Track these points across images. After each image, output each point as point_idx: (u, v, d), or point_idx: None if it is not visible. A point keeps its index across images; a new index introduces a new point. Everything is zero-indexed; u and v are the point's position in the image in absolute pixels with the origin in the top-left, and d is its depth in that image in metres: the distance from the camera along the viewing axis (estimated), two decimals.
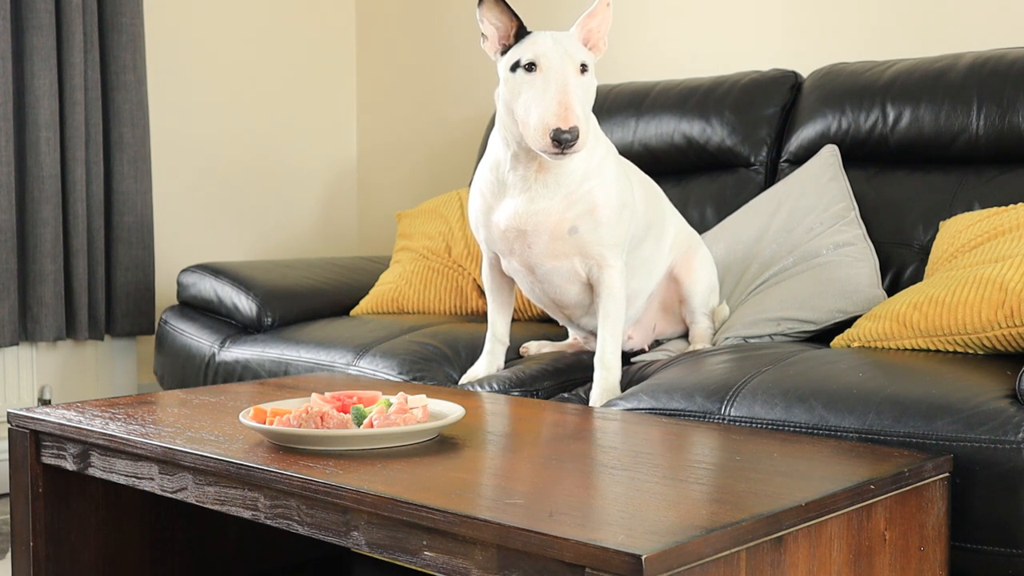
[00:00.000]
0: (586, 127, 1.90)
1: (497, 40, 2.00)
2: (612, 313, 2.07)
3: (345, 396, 1.65)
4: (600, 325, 2.08)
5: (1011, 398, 1.61)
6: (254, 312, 2.88)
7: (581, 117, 1.88)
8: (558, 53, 1.93)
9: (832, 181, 2.50)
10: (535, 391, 2.17)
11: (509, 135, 2.01)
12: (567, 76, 1.91)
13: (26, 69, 3.08)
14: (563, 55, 1.93)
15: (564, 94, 1.88)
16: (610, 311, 2.06)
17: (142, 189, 3.32)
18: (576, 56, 1.94)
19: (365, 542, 1.33)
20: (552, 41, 1.95)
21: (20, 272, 3.11)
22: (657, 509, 1.23)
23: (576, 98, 1.89)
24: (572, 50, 1.94)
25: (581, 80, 1.94)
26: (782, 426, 1.71)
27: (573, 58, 1.93)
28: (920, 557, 1.48)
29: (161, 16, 3.54)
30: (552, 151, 1.88)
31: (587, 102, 1.95)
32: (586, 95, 1.95)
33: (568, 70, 1.92)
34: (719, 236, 2.55)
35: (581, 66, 1.94)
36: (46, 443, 1.80)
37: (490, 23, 1.99)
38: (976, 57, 2.47)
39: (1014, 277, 1.87)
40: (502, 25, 1.99)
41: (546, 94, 1.90)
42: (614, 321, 2.06)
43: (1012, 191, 2.33)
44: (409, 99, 3.95)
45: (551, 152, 1.89)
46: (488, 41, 2.01)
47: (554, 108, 1.87)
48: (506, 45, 1.99)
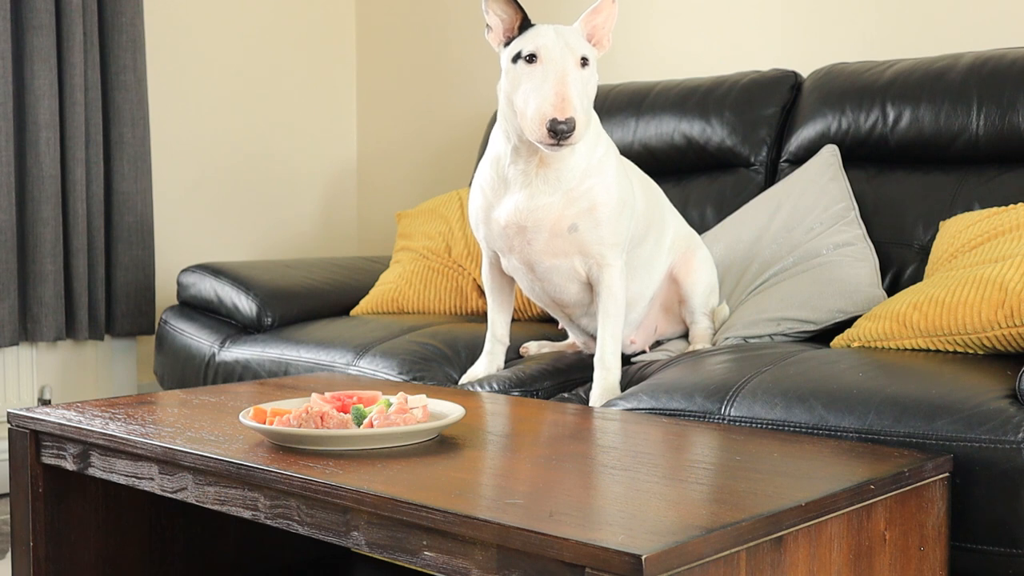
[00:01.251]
0: (585, 119, 1.90)
1: (502, 32, 2.01)
2: (612, 313, 2.06)
3: (345, 396, 1.65)
4: (600, 325, 2.07)
5: (1011, 398, 1.61)
6: (254, 312, 2.88)
7: (579, 108, 1.88)
8: (559, 46, 1.93)
9: (832, 181, 2.50)
10: (535, 391, 2.17)
11: (510, 127, 2.02)
12: (567, 68, 1.92)
13: (26, 69, 3.08)
14: (564, 48, 1.93)
15: (562, 85, 1.89)
16: (610, 311, 2.06)
17: (142, 189, 3.32)
18: (577, 49, 1.94)
19: (365, 542, 1.33)
20: (554, 34, 1.96)
21: (20, 272, 3.11)
22: (657, 509, 1.23)
23: (574, 90, 1.90)
24: (574, 43, 1.95)
25: (581, 73, 1.94)
26: (782, 426, 1.71)
27: (574, 51, 1.94)
28: (920, 557, 1.48)
29: (161, 16, 3.54)
30: (548, 142, 1.88)
31: (586, 95, 1.95)
32: (585, 88, 1.95)
33: (568, 62, 1.92)
34: (719, 236, 2.55)
35: (582, 59, 1.94)
36: (46, 443, 1.80)
37: (495, 14, 2.00)
38: (976, 57, 2.47)
39: (1014, 277, 1.87)
40: (507, 17, 2.00)
41: (544, 85, 1.90)
42: (614, 321, 2.06)
43: (1012, 191, 2.33)
44: (409, 99, 3.95)
45: (548, 143, 1.89)
46: (492, 32, 2.02)
47: (551, 99, 1.87)
48: (510, 37, 2.00)
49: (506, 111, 2.01)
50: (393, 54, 4.00)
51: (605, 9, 2.01)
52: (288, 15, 3.91)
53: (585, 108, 1.93)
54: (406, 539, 1.28)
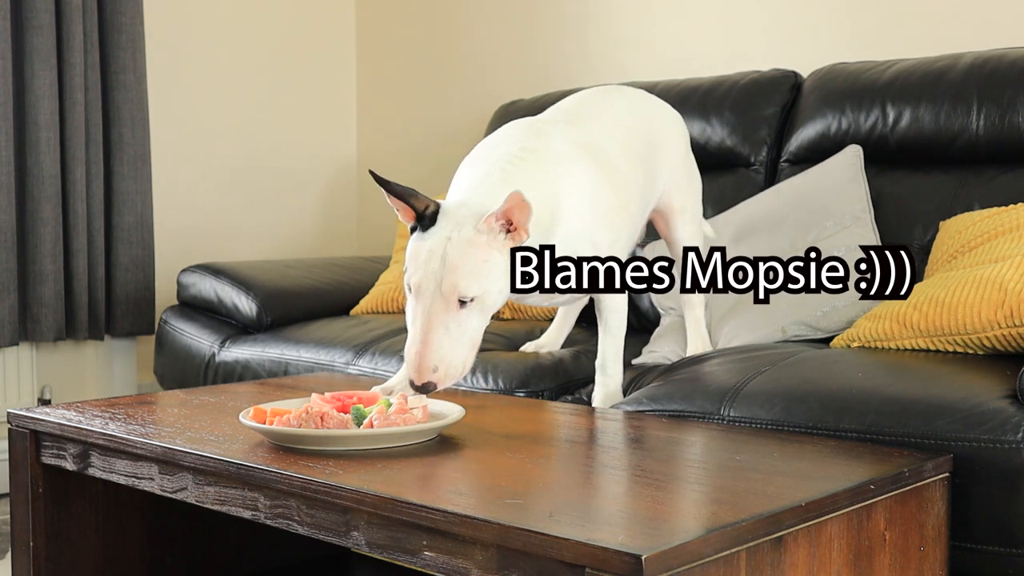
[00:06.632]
0: (458, 366, 1.66)
1: (407, 217, 1.76)
2: (613, 326, 2.01)
3: (345, 396, 1.65)
4: (601, 334, 2.02)
5: (1011, 398, 1.61)
6: (254, 312, 2.88)
7: (444, 362, 1.64)
8: (431, 287, 1.66)
9: (852, 182, 2.46)
10: (538, 392, 2.17)
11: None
12: (433, 319, 1.65)
13: (26, 69, 3.08)
14: (436, 291, 1.65)
15: (424, 345, 1.64)
16: (611, 324, 2.01)
17: (142, 189, 3.32)
18: (454, 291, 1.65)
19: (365, 542, 1.33)
20: (438, 263, 1.65)
21: (20, 272, 3.11)
22: (657, 509, 1.23)
23: (439, 346, 1.64)
24: (452, 281, 1.65)
25: (457, 317, 1.66)
26: (782, 426, 1.71)
27: (448, 296, 1.65)
28: (920, 557, 1.48)
29: (161, 16, 3.54)
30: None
31: (463, 339, 1.67)
32: (463, 331, 1.66)
33: (437, 308, 1.65)
34: (729, 220, 2.53)
35: (459, 302, 1.66)
36: (46, 443, 1.80)
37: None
38: (976, 57, 2.47)
39: (1014, 277, 1.87)
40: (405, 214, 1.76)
41: (412, 330, 1.67)
42: (615, 333, 2.01)
43: (1012, 191, 2.33)
44: (409, 99, 3.95)
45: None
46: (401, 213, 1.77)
47: (412, 357, 1.65)
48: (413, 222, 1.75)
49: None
50: (393, 54, 4.00)
51: (516, 204, 1.66)
52: (288, 15, 3.91)
53: (460, 353, 1.66)
54: (406, 539, 1.28)
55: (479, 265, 1.67)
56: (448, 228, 1.68)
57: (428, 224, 1.70)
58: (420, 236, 1.71)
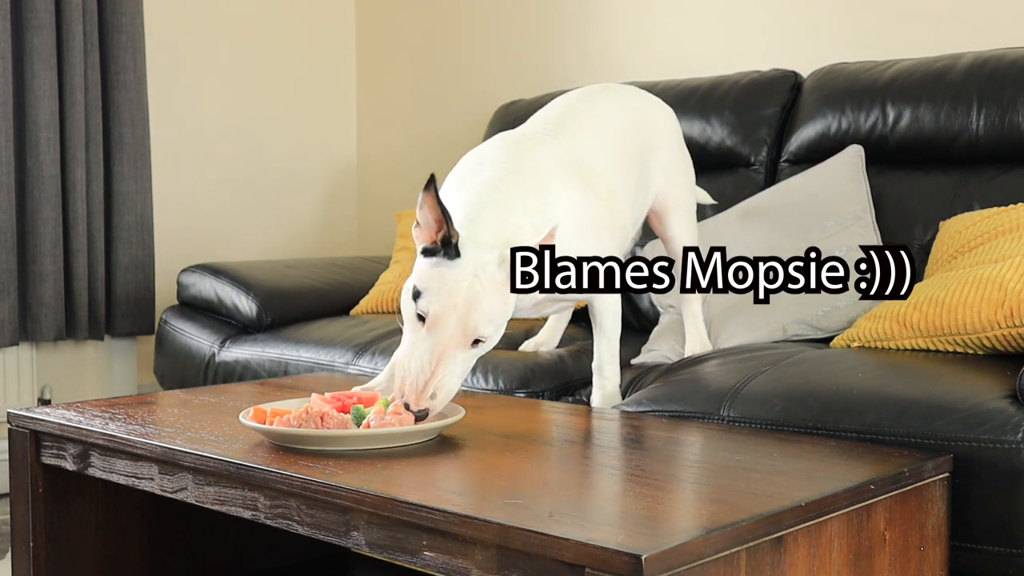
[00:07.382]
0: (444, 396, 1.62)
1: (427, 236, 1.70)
2: (608, 329, 2.00)
3: (345, 396, 1.65)
4: (596, 337, 2.01)
5: (1011, 398, 1.61)
6: (254, 312, 2.88)
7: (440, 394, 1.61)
8: (452, 322, 1.62)
9: (853, 182, 2.47)
10: (538, 392, 2.17)
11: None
12: (446, 353, 1.62)
13: (26, 69, 3.08)
14: (457, 327, 1.62)
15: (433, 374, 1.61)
16: (605, 327, 2.00)
17: (142, 189, 3.32)
18: (474, 331, 1.63)
19: (365, 542, 1.33)
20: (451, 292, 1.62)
21: (20, 272, 3.11)
22: (657, 509, 1.23)
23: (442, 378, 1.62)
24: (473, 322, 1.62)
25: (466, 355, 1.64)
26: (782, 426, 1.71)
27: (467, 334, 1.63)
28: (920, 557, 1.48)
29: (161, 16, 3.54)
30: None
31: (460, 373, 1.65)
32: (463, 368, 1.66)
33: (455, 343, 1.62)
34: (729, 219, 2.53)
35: (475, 341, 1.64)
36: (46, 443, 1.80)
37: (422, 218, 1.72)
38: (976, 57, 2.47)
39: (1014, 277, 1.87)
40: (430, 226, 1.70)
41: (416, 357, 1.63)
42: (610, 335, 2.00)
43: (1012, 191, 2.33)
44: (409, 99, 3.95)
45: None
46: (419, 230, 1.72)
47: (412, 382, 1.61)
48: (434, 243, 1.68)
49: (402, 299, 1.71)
50: (393, 54, 4.00)
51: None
52: (288, 15, 3.91)
53: (456, 384, 1.64)
54: (406, 539, 1.28)
55: (500, 308, 1.66)
56: (473, 265, 1.64)
57: (453, 254, 1.65)
58: (442, 263, 1.65)
